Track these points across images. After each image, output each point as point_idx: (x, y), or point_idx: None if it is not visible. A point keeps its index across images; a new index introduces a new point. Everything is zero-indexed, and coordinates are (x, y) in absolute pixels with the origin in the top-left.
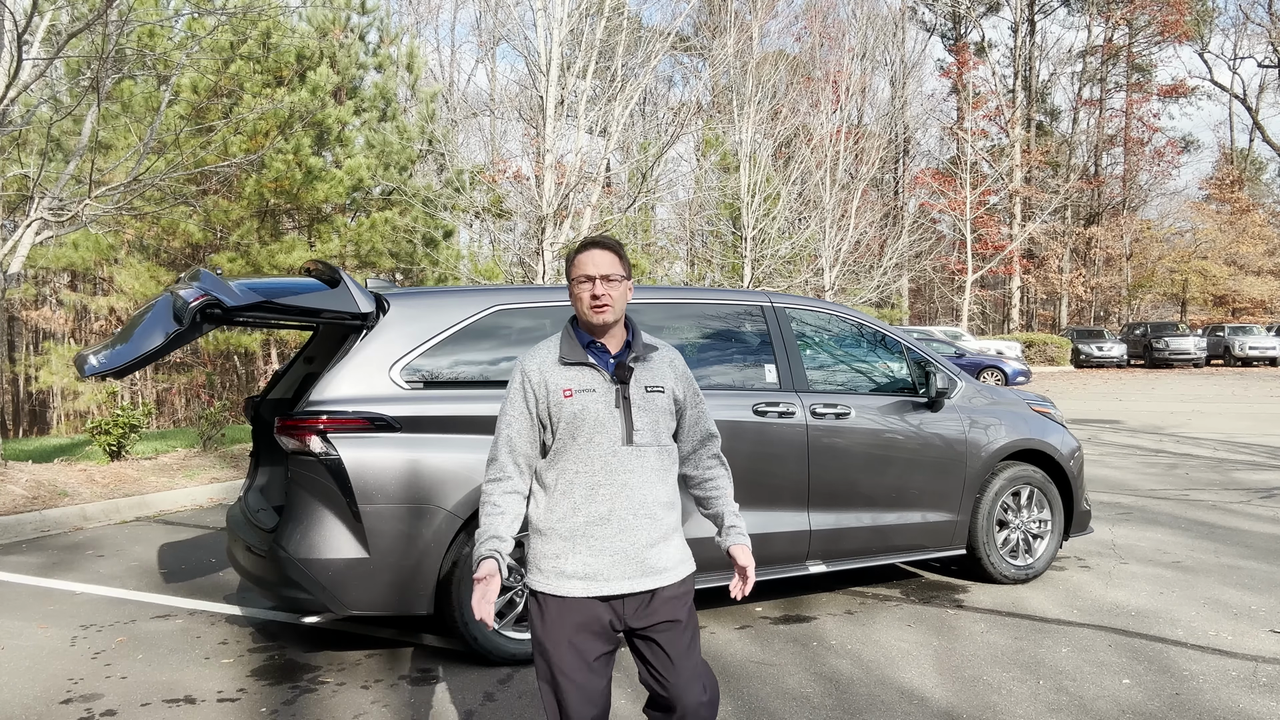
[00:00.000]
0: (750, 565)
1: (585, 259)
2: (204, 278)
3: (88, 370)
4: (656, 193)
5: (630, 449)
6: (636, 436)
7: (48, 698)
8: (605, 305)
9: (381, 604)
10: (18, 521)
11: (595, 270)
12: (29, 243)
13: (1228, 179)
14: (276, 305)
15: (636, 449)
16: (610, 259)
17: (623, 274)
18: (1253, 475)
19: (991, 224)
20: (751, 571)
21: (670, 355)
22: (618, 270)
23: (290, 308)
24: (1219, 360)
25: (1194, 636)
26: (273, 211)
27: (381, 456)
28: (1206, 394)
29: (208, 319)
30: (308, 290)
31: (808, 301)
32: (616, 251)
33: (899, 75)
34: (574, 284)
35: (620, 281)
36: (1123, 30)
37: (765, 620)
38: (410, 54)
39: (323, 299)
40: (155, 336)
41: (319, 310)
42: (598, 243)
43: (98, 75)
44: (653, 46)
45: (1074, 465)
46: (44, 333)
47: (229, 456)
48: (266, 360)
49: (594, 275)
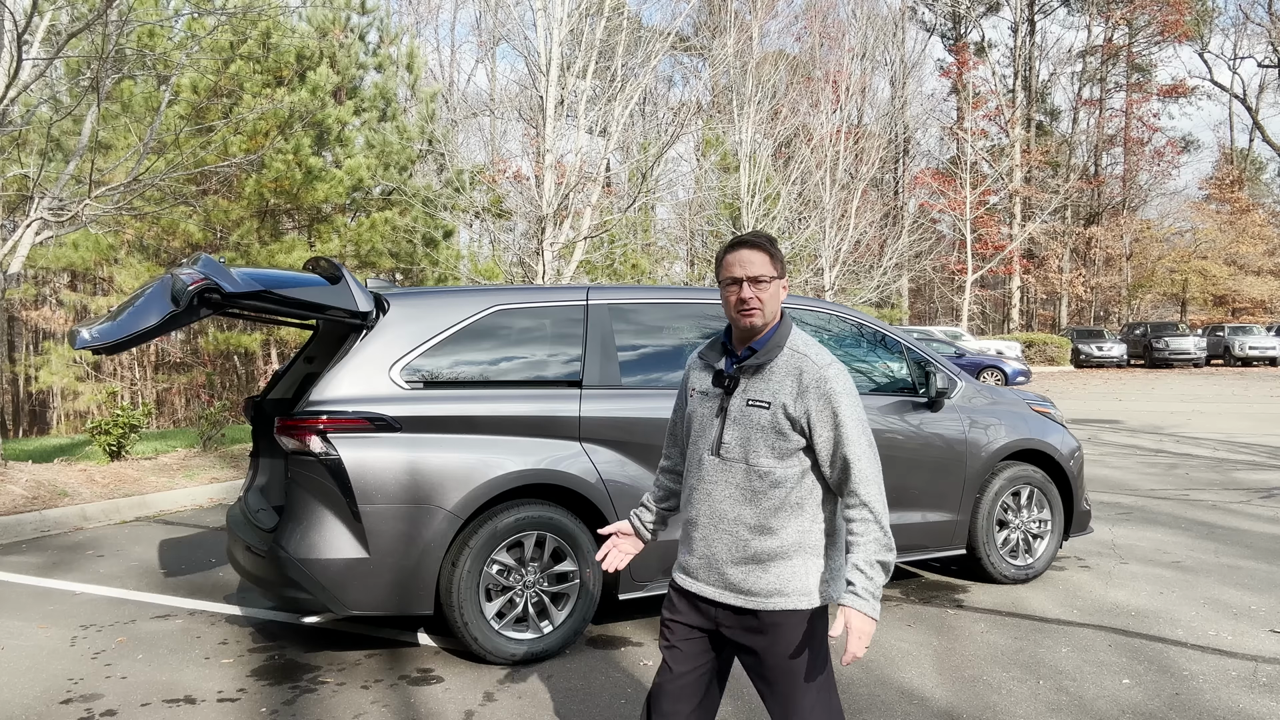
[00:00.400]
0: (854, 632)
1: (733, 259)
2: (204, 262)
3: (78, 343)
4: (656, 193)
5: (716, 460)
6: (723, 450)
7: (48, 698)
8: (754, 310)
9: (381, 604)
10: (18, 521)
11: (743, 271)
12: (29, 243)
13: (1228, 179)
14: (275, 295)
15: (722, 462)
16: (761, 259)
17: (774, 274)
18: (1253, 475)
19: (991, 224)
20: (854, 642)
21: (807, 368)
22: (769, 271)
23: (289, 299)
24: (1219, 360)
25: (1194, 636)
26: (273, 211)
27: (381, 456)
28: (1206, 394)
29: (206, 304)
30: (308, 284)
31: (808, 301)
32: (768, 250)
33: (899, 75)
34: (722, 286)
35: (770, 283)
36: (1123, 30)
37: None
38: (410, 54)
39: (322, 294)
40: (150, 316)
41: (317, 304)
42: (747, 241)
43: (98, 75)
44: (653, 46)
45: (1074, 465)
46: (44, 333)
47: (229, 456)
48: (266, 360)
49: (742, 277)
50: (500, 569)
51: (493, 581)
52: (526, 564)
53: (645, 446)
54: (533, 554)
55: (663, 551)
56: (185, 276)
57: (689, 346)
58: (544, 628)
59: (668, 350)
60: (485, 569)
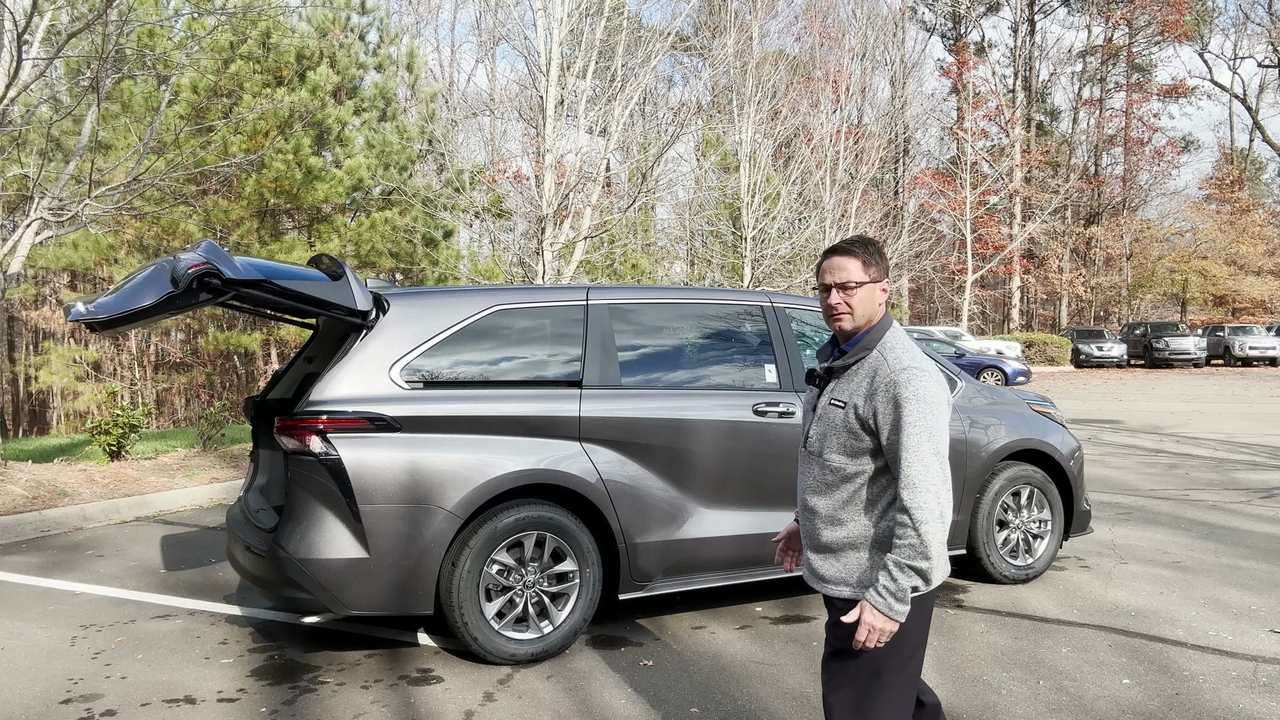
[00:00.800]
0: (863, 625)
1: (825, 267)
2: (207, 247)
3: (72, 315)
4: (656, 193)
5: (804, 453)
6: (809, 444)
7: (48, 698)
8: (843, 314)
9: (381, 604)
10: (18, 521)
11: (832, 278)
12: (29, 243)
13: (1228, 179)
14: (275, 286)
15: (808, 455)
16: (853, 264)
17: (864, 279)
18: (1253, 475)
19: (991, 224)
20: (860, 632)
21: (882, 370)
22: (857, 276)
23: (288, 291)
24: (1219, 360)
25: (1194, 636)
26: (273, 211)
27: (381, 456)
28: (1206, 394)
29: (205, 288)
30: (309, 278)
31: (808, 301)
32: (859, 255)
33: (899, 75)
34: (819, 291)
35: (858, 288)
36: (1123, 30)
37: (765, 620)
38: (410, 54)
39: (322, 289)
40: (146, 295)
41: (316, 299)
42: (838, 249)
43: (98, 75)
44: (653, 46)
45: (1074, 465)
46: (44, 333)
47: (229, 456)
48: (266, 360)
49: (830, 284)
50: (500, 569)
51: (493, 581)
52: (526, 564)
53: (645, 446)
54: (533, 554)
55: (662, 552)
56: (186, 259)
57: (689, 346)
58: (544, 628)
59: (668, 350)
60: (485, 569)
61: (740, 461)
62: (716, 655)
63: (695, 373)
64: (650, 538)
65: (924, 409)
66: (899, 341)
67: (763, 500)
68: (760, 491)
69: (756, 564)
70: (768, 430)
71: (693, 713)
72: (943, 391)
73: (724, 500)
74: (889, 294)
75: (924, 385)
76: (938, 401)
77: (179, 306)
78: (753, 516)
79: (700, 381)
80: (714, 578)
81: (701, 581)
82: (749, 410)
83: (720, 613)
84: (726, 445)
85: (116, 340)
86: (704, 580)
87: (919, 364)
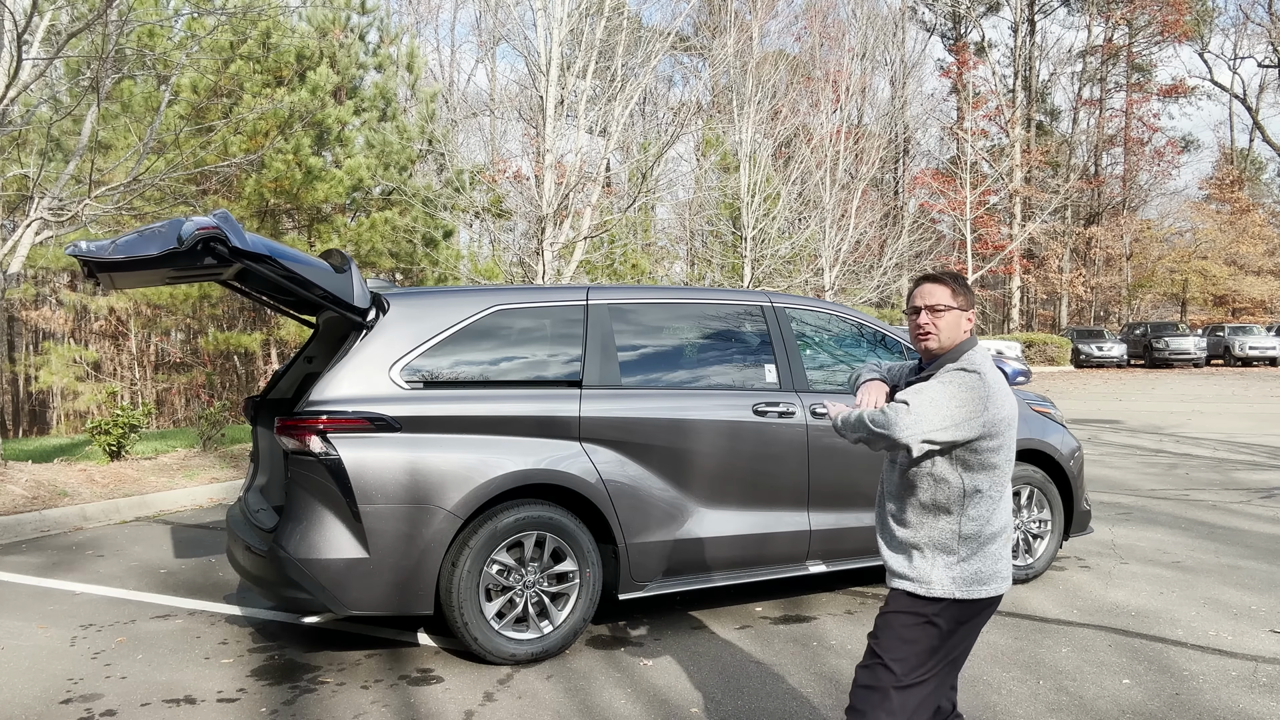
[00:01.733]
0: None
1: (917, 293)
2: (220, 215)
3: (71, 249)
4: (656, 193)
5: (885, 458)
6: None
7: (48, 698)
8: (929, 333)
9: (381, 604)
10: (18, 521)
11: (923, 301)
12: (29, 243)
13: (1228, 179)
14: (279, 265)
15: (888, 462)
16: (942, 291)
17: (951, 304)
18: (1253, 475)
19: (991, 224)
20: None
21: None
22: (947, 301)
23: (291, 273)
24: (1219, 360)
25: (1194, 636)
26: (273, 211)
27: (381, 456)
28: (1206, 394)
29: (210, 252)
30: (314, 265)
31: (808, 301)
32: (949, 285)
33: (899, 75)
34: (908, 314)
35: (946, 312)
36: (1123, 30)
37: (765, 620)
38: (410, 54)
39: (324, 277)
40: (150, 247)
41: (317, 286)
42: (931, 277)
43: (97, 75)
44: (653, 46)
45: (1074, 465)
46: (44, 333)
47: (229, 456)
48: (266, 360)
49: (921, 306)
50: (500, 569)
51: (493, 581)
52: (526, 564)
53: (645, 446)
54: (533, 554)
55: (662, 552)
56: (197, 220)
57: (689, 346)
58: (544, 628)
59: (668, 350)
60: (485, 569)
61: (740, 461)
62: (716, 655)
63: (695, 373)
64: (650, 538)
65: (946, 392)
66: (977, 352)
67: (763, 500)
68: (760, 491)
69: (756, 564)
70: (768, 430)
71: (693, 713)
72: (981, 389)
73: (724, 500)
74: (973, 324)
75: (963, 382)
76: (964, 397)
77: (181, 267)
78: (752, 516)
79: (700, 381)
80: (714, 578)
81: (701, 581)
82: (749, 410)
83: (720, 613)
84: (726, 445)
85: (116, 340)
86: (704, 580)
87: (977, 367)
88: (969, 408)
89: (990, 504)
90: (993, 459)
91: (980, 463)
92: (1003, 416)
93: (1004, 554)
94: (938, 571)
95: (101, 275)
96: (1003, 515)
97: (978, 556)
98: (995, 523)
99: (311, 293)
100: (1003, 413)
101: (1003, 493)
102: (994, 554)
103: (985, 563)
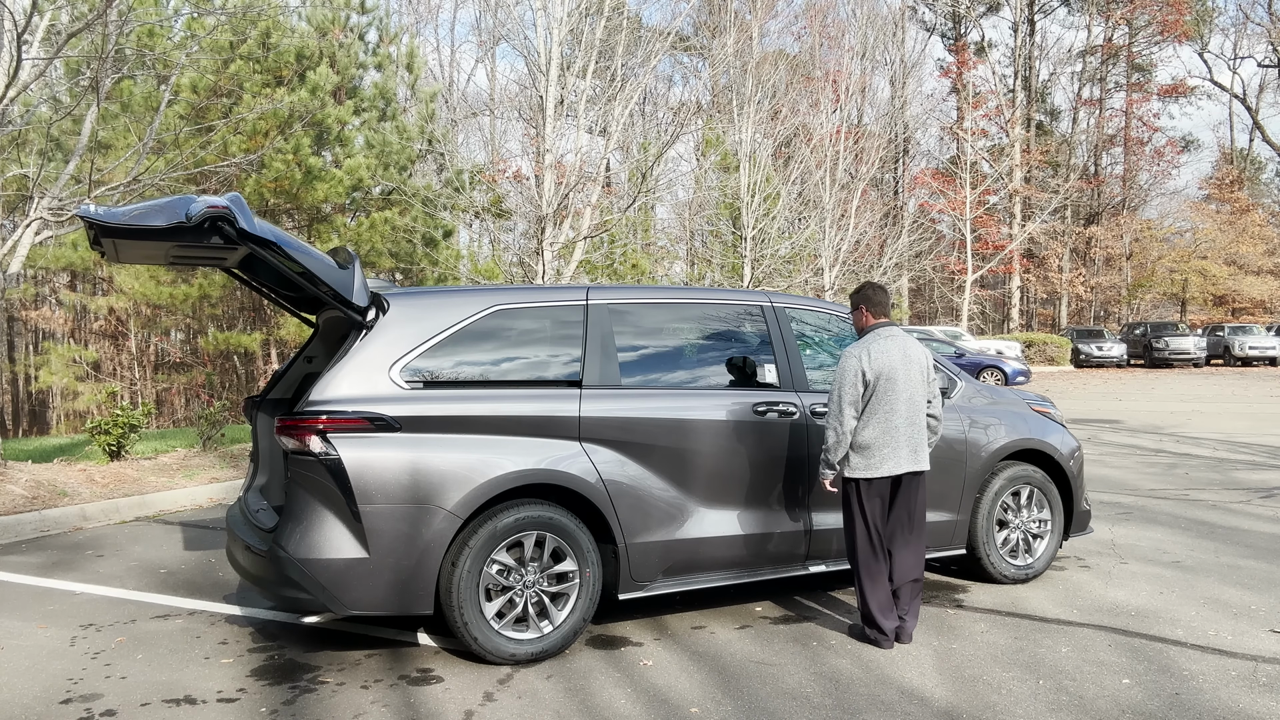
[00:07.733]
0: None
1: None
2: (232, 197)
3: (79, 210)
4: (656, 192)
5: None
6: None
7: (48, 698)
8: None
9: (381, 604)
10: (17, 521)
11: None
12: (29, 243)
13: (1228, 179)
14: (283, 252)
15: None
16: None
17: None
18: (1253, 475)
19: (991, 224)
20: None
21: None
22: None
23: (294, 261)
24: (1219, 360)
25: (1194, 636)
26: (272, 211)
27: (381, 456)
28: (1206, 394)
29: (217, 231)
30: (317, 257)
31: (808, 301)
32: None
33: (899, 75)
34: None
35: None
36: (1123, 30)
37: (765, 620)
38: (410, 54)
39: (326, 270)
40: (157, 218)
41: (319, 279)
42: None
43: (97, 75)
44: (653, 46)
45: (1074, 465)
46: (44, 333)
47: (229, 456)
48: (266, 360)
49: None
50: (500, 569)
51: (493, 581)
52: (526, 564)
53: (645, 446)
54: (533, 554)
55: (662, 552)
56: (207, 199)
57: (689, 346)
58: (544, 628)
59: (668, 350)
60: (485, 569)
61: (740, 461)
62: (716, 655)
63: (695, 372)
64: (650, 537)
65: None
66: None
67: (763, 500)
68: (760, 491)
69: (756, 564)
70: (768, 430)
71: (693, 713)
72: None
73: (724, 500)
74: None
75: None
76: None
77: (186, 244)
78: (753, 516)
79: (700, 381)
80: (714, 578)
81: (701, 581)
82: (749, 410)
83: (720, 613)
84: (726, 445)
85: (116, 340)
86: (704, 580)
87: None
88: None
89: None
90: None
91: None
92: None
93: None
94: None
95: (106, 241)
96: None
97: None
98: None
99: (313, 285)
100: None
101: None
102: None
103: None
